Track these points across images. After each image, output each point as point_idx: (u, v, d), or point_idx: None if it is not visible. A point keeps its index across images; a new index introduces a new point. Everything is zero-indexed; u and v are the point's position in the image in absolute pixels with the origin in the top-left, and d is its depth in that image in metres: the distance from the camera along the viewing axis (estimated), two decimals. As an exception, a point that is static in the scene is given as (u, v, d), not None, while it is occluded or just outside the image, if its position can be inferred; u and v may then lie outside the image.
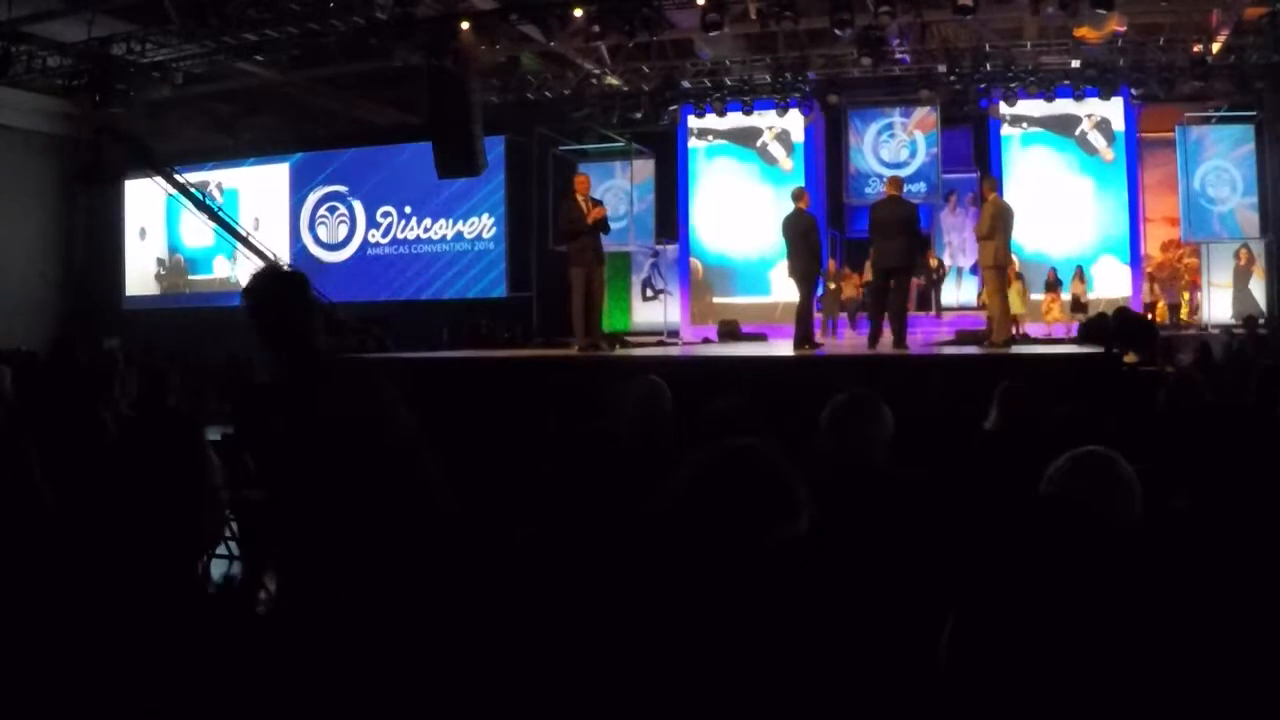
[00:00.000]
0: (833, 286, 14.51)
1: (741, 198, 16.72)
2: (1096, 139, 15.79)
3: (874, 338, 9.00)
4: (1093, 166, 15.82)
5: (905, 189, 16.00)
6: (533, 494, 2.70)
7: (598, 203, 8.90)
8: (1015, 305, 13.30)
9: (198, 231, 20.10)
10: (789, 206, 9.25)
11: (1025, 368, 6.96)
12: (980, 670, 1.64)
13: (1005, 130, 16.04)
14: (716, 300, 16.62)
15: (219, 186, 19.83)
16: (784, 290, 14.83)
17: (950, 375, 6.82)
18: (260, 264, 16.01)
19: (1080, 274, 15.11)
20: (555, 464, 2.77)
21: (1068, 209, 15.74)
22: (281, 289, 2.74)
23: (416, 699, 2.18)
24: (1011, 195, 13.05)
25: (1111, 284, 15.29)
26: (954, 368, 7.68)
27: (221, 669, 1.59)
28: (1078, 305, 14.82)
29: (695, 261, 16.98)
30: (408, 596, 2.62)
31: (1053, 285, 15.03)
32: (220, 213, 16.18)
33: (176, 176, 16.22)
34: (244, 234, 16.02)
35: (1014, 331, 11.11)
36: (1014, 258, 10.12)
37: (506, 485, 2.70)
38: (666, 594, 1.85)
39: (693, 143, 17.02)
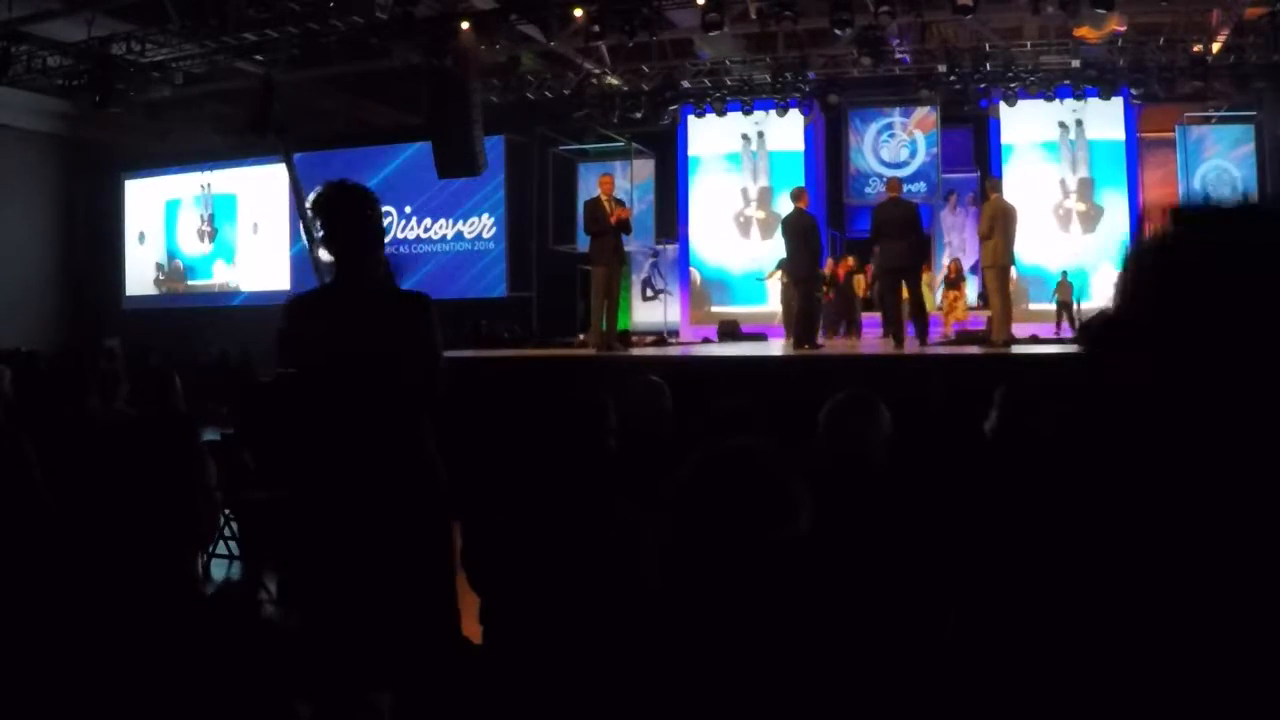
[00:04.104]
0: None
1: (736, 211, 16.76)
2: (1095, 139, 15.77)
3: (898, 337, 8.95)
4: (1092, 166, 15.81)
5: (905, 189, 16.12)
6: (528, 492, 2.69)
7: (620, 203, 8.97)
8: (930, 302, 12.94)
9: (196, 238, 20.12)
10: (787, 209, 9.26)
11: (1025, 368, 6.96)
12: (983, 668, 1.64)
13: (1005, 131, 16.03)
14: (714, 309, 16.58)
15: (207, 187, 19.83)
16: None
17: (950, 375, 6.82)
18: (325, 263, 16.09)
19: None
20: (549, 464, 2.77)
21: (1067, 209, 15.73)
22: (358, 202, 2.91)
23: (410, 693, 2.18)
24: (1011, 196, 13.03)
25: (1111, 285, 15.25)
26: (954, 368, 7.68)
27: (220, 667, 1.59)
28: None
29: (693, 271, 17.00)
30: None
31: (955, 282, 14.21)
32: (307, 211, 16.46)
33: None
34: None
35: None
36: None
37: (504, 485, 2.70)
38: (667, 592, 1.85)
39: (692, 151, 17.04)
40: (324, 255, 2.92)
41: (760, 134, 16.63)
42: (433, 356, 2.88)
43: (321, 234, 2.88)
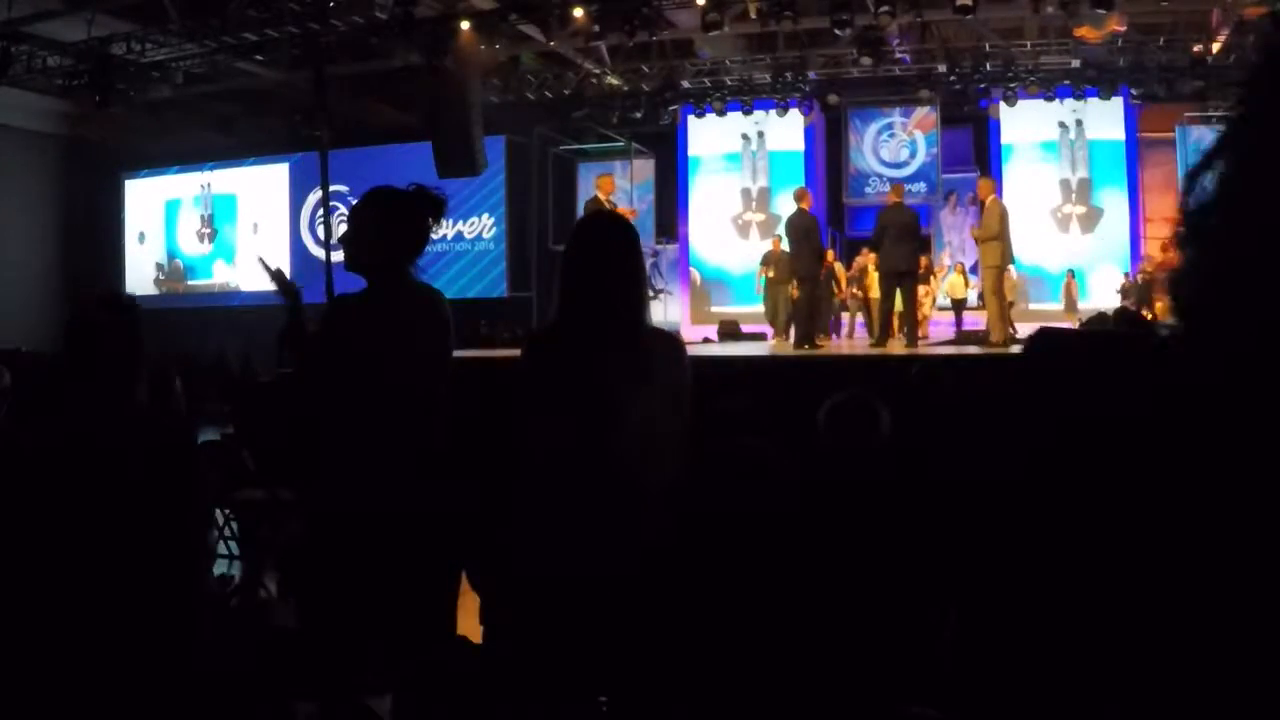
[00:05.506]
0: (772, 274, 13.11)
1: (735, 212, 16.76)
2: (1095, 139, 15.77)
3: (883, 338, 9.08)
4: (1092, 166, 15.81)
5: (905, 189, 16.12)
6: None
7: (616, 205, 9.06)
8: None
9: (196, 238, 20.11)
10: (787, 211, 9.28)
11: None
12: (987, 666, 1.64)
13: (1005, 131, 16.03)
14: (714, 309, 16.59)
15: (207, 187, 19.81)
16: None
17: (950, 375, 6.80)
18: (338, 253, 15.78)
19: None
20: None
21: (1067, 209, 15.73)
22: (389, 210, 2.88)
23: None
24: (1010, 196, 13.04)
25: (1111, 285, 15.27)
26: (953, 367, 7.67)
27: (220, 667, 1.60)
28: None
29: (693, 271, 17.01)
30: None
31: (923, 277, 13.01)
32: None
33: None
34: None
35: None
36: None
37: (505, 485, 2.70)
38: (669, 591, 1.85)
39: (692, 151, 17.05)
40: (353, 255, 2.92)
41: (760, 134, 16.65)
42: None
43: (368, 235, 2.87)
